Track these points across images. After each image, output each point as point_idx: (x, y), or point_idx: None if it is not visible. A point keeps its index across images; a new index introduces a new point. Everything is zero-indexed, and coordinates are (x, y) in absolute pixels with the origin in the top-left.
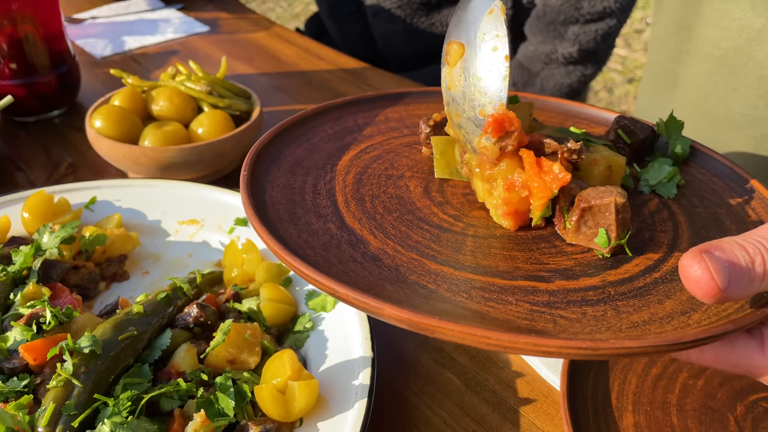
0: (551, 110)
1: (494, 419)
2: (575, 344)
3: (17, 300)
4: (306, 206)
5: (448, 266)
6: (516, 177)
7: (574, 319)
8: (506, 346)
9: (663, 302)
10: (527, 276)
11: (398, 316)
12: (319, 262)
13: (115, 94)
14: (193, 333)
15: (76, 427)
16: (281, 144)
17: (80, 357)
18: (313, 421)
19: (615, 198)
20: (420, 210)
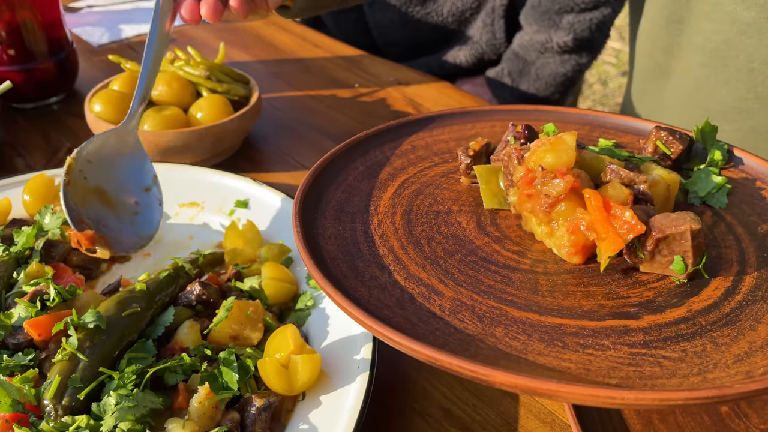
0: (575, 122)
1: (493, 393)
2: (702, 394)
3: (21, 278)
4: (364, 258)
5: (531, 312)
6: (580, 218)
7: (678, 359)
8: (632, 404)
9: (755, 328)
10: (614, 314)
11: (512, 383)
12: (401, 324)
13: (114, 79)
14: (195, 311)
15: (82, 399)
16: (320, 188)
17: (85, 332)
18: (315, 394)
19: (690, 225)
20: (481, 249)
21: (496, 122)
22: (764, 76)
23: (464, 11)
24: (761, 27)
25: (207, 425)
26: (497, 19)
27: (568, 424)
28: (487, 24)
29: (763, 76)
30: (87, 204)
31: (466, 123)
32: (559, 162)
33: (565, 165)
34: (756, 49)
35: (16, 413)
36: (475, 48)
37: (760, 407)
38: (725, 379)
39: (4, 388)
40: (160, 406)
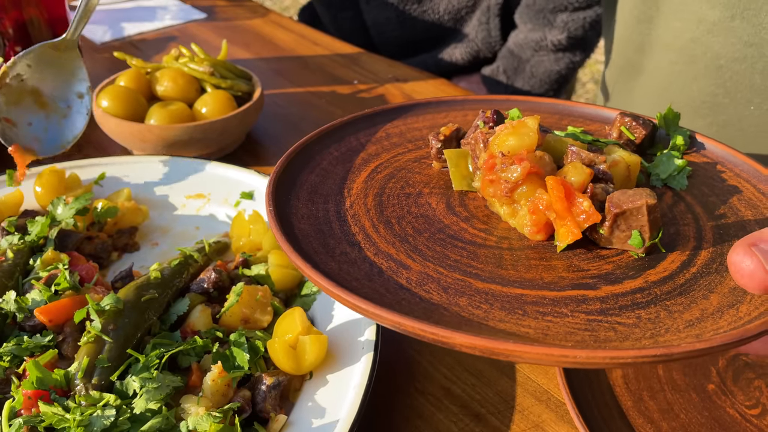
0: (545, 111)
1: (492, 373)
2: (650, 353)
3: (37, 265)
4: (335, 236)
5: (494, 283)
6: (539, 200)
7: (632, 324)
8: (584, 362)
9: (708, 297)
10: (573, 285)
11: (471, 344)
12: (369, 294)
13: (120, 75)
14: (209, 296)
15: (110, 378)
16: (294, 171)
17: (106, 316)
18: (322, 374)
19: (646, 200)
20: (449, 227)
21: (468, 111)
22: (732, 72)
23: (460, 9)
24: (726, 26)
25: (220, 402)
26: (492, 17)
27: (562, 401)
28: (483, 22)
29: (731, 72)
30: (20, 104)
31: (440, 112)
32: (521, 145)
33: (527, 148)
34: (723, 47)
35: (39, 390)
36: (471, 46)
37: (745, 385)
38: (675, 341)
39: (36, 367)
40: (181, 384)
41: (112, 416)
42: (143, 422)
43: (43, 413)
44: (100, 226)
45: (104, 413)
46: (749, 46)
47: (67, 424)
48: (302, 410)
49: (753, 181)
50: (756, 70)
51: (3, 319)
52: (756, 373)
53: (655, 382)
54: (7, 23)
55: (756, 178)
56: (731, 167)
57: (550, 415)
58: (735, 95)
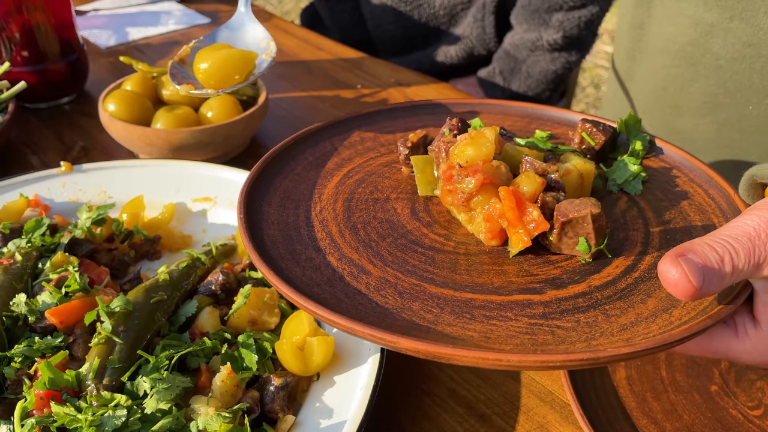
0: (516, 114)
1: (497, 376)
2: (577, 357)
3: (47, 267)
4: (303, 241)
5: (448, 288)
6: (493, 208)
7: (570, 328)
8: (517, 366)
9: (645, 301)
10: (521, 290)
11: (414, 348)
12: (328, 299)
13: (127, 80)
14: (217, 298)
15: (121, 379)
16: (269, 177)
17: (117, 317)
18: (329, 375)
19: (591, 210)
20: (411, 232)
21: (442, 115)
22: (732, 71)
23: (456, 5)
24: (725, 27)
25: (229, 402)
26: (487, 14)
27: (566, 402)
28: (478, 19)
29: (731, 72)
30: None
31: (414, 116)
32: (478, 155)
33: (483, 158)
34: (722, 48)
35: (51, 391)
36: (465, 43)
37: (747, 386)
38: (606, 345)
39: (48, 368)
40: (191, 385)
41: (123, 416)
42: (154, 422)
43: (55, 413)
44: (122, 236)
45: (115, 413)
46: (748, 46)
47: (79, 424)
48: (310, 411)
49: (705, 186)
50: (755, 71)
51: (14, 321)
52: (758, 375)
53: (658, 384)
54: (13, 28)
55: (707, 183)
56: (686, 172)
57: (554, 415)
58: (735, 95)
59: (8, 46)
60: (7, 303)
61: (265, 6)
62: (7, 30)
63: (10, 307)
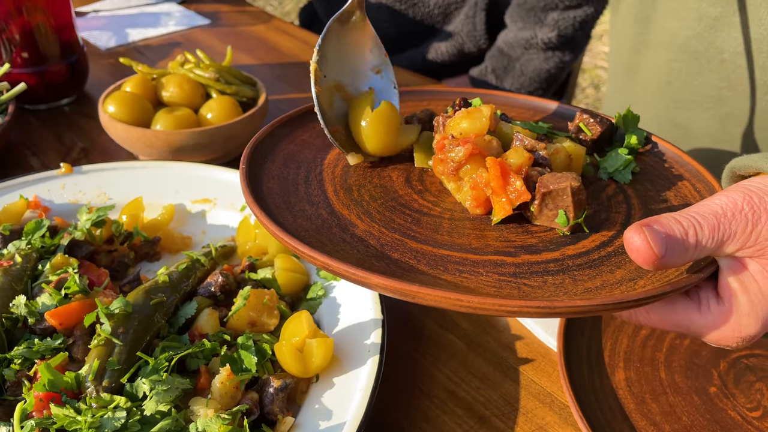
0: (521, 107)
1: (496, 376)
2: (534, 304)
3: (47, 269)
4: (299, 195)
5: (427, 245)
6: (479, 177)
7: (536, 287)
8: (476, 307)
9: (614, 271)
10: (496, 251)
11: (383, 284)
12: (313, 242)
13: (127, 81)
14: (216, 300)
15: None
16: (275, 140)
17: (116, 319)
18: (329, 376)
19: (570, 182)
20: (402, 197)
21: (448, 101)
22: (735, 65)
23: (450, 4)
24: (729, 21)
25: (228, 404)
26: (479, 12)
27: (565, 404)
28: (469, 16)
29: (734, 66)
30: (332, 106)
31: (423, 100)
32: (472, 128)
33: (478, 131)
34: (725, 42)
35: (51, 393)
36: (456, 40)
37: (746, 388)
38: (565, 299)
39: (48, 369)
40: (190, 387)
41: (122, 418)
42: (153, 424)
43: (54, 415)
44: (122, 238)
45: (115, 415)
46: (752, 40)
47: (78, 426)
48: (309, 412)
49: (692, 180)
50: (758, 65)
51: (14, 323)
52: (757, 376)
53: (657, 385)
54: (13, 29)
55: (695, 177)
56: (678, 167)
57: (553, 417)
58: (738, 89)
59: (8, 47)
60: (6, 304)
61: (265, 7)
62: (7, 31)
63: (9, 309)
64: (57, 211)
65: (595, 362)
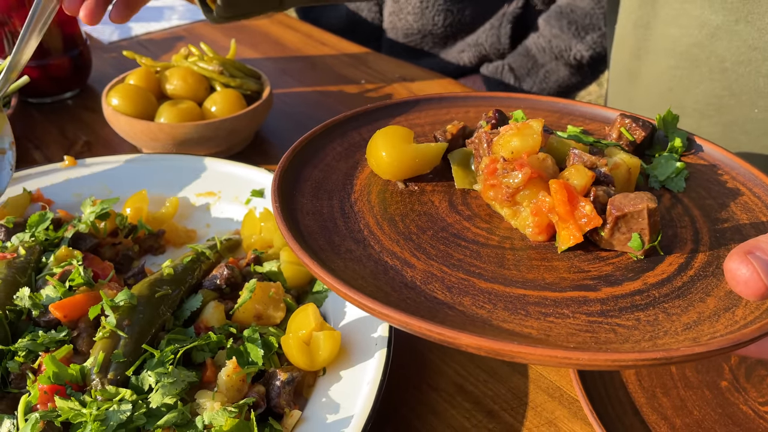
0: (545, 109)
1: (504, 370)
2: (650, 356)
3: (51, 261)
4: (340, 233)
5: (497, 283)
6: (542, 203)
7: (631, 327)
8: (586, 364)
9: (705, 300)
10: (574, 286)
11: (476, 345)
12: (375, 292)
13: (130, 74)
14: (221, 293)
15: (125, 373)
16: (298, 167)
17: (121, 311)
18: (335, 370)
19: (647, 204)
20: (452, 226)
21: (470, 108)
22: (737, 74)
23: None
24: (730, 29)
25: (235, 397)
26: (505, 24)
27: (575, 398)
28: (494, 26)
29: (736, 75)
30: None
31: (442, 108)
32: (524, 146)
33: (531, 149)
34: (727, 50)
35: (55, 385)
36: (479, 50)
37: (758, 382)
38: (673, 344)
39: (53, 362)
40: (196, 379)
41: (128, 411)
42: (159, 417)
43: (59, 408)
44: (126, 231)
45: (120, 408)
46: (753, 49)
47: (83, 419)
48: (316, 406)
49: (749, 185)
50: (761, 74)
51: (18, 315)
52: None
53: (668, 379)
54: (16, 22)
55: (752, 181)
56: (728, 170)
57: (563, 411)
58: (740, 97)
59: (11, 40)
60: (10, 297)
61: None
62: (10, 24)
63: (13, 301)
64: (60, 203)
65: None
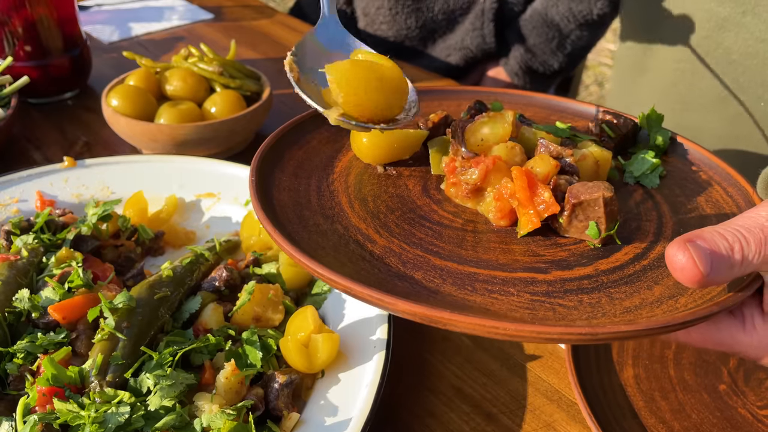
0: (538, 105)
1: (503, 373)
2: (576, 330)
3: (51, 262)
4: (312, 208)
5: (451, 261)
6: (504, 188)
7: (572, 307)
8: (513, 335)
9: (652, 288)
10: (526, 268)
11: (411, 311)
12: (331, 262)
13: (130, 75)
14: (220, 295)
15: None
16: (283, 147)
17: (120, 313)
18: (334, 372)
19: (603, 192)
20: (420, 208)
21: (462, 101)
22: (744, 66)
23: (455, 10)
24: (738, 21)
25: (233, 399)
26: (486, 23)
27: (573, 401)
28: (477, 27)
29: (743, 67)
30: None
31: (434, 100)
32: (494, 134)
33: (500, 138)
34: (734, 42)
35: (54, 387)
36: (465, 52)
37: (756, 385)
38: (607, 324)
39: (51, 364)
40: (194, 382)
41: (126, 413)
42: (157, 419)
43: (57, 410)
44: (128, 233)
45: (119, 410)
46: (761, 41)
47: (82, 421)
48: (314, 408)
49: (723, 184)
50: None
51: (17, 317)
52: (767, 374)
53: (666, 383)
54: (16, 22)
55: (726, 180)
56: (706, 169)
57: (561, 414)
58: (747, 90)
59: (11, 40)
60: (10, 298)
61: (267, 2)
62: (10, 25)
63: (13, 303)
64: (61, 204)
65: (603, 359)
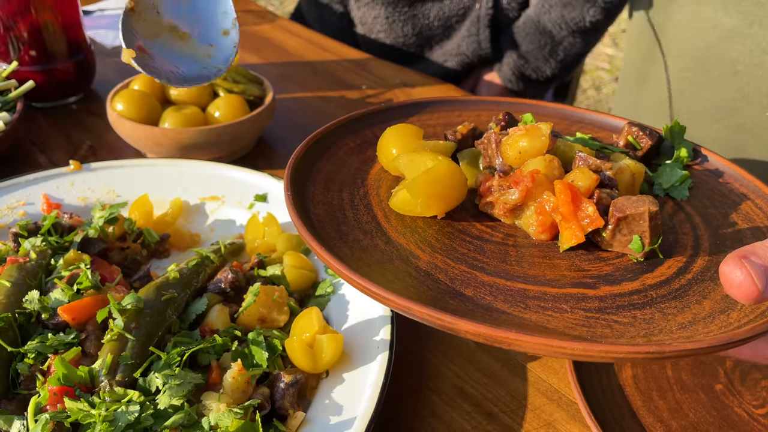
0: (553, 116)
1: (503, 373)
2: (643, 349)
3: (59, 264)
4: (349, 223)
5: (499, 277)
6: (546, 202)
7: (627, 323)
8: (580, 355)
9: (701, 302)
10: (574, 283)
11: (475, 331)
12: (379, 279)
13: (135, 79)
14: (226, 296)
15: (133, 375)
16: (310, 160)
17: (128, 314)
18: (338, 372)
19: (649, 207)
20: (457, 222)
21: (482, 111)
22: (749, 77)
23: (450, 17)
24: (744, 32)
25: (240, 398)
26: (482, 29)
27: (573, 401)
28: (472, 34)
29: (748, 78)
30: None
31: (454, 110)
32: (532, 147)
33: (538, 151)
34: (740, 53)
35: (65, 387)
36: (461, 58)
37: (752, 385)
38: (667, 340)
39: (62, 363)
40: (202, 381)
41: (136, 412)
42: (166, 418)
43: (68, 409)
44: (135, 235)
45: (128, 409)
46: (767, 53)
47: (92, 420)
48: (319, 408)
49: (751, 196)
50: None
51: (27, 318)
52: (763, 374)
53: (664, 382)
54: (21, 27)
55: (754, 193)
56: (732, 181)
57: (561, 414)
58: (752, 100)
59: (16, 45)
60: (20, 300)
61: (266, 6)
62: (15, 29)
63: (23, 304)
64: (67, 208)
65: None
